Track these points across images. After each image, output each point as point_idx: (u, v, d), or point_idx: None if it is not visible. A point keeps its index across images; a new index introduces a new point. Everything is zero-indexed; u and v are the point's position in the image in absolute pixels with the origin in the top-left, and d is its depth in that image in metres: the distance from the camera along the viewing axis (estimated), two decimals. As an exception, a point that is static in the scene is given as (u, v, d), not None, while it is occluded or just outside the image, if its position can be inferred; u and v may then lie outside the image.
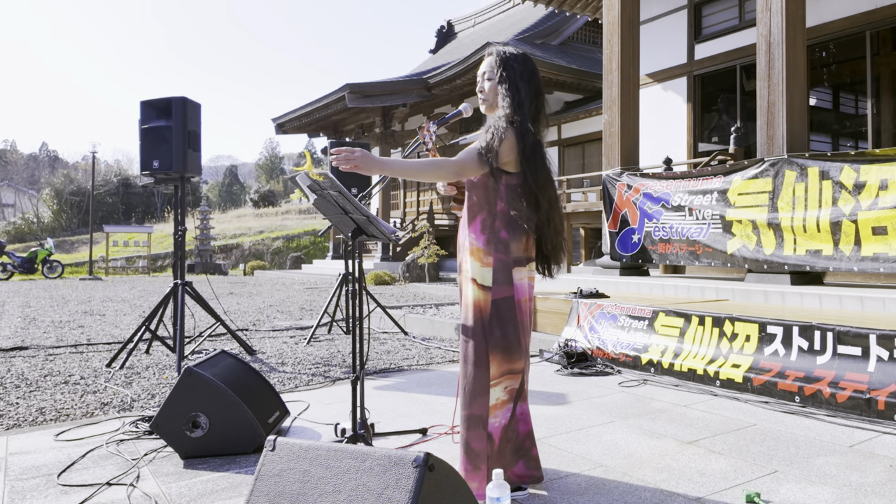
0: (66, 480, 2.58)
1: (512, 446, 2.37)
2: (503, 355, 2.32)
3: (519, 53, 2.46)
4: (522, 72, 2.41)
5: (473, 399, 2.32)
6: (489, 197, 2.37)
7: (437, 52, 23.59)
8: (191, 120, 4.91)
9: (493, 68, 2.44)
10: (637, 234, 7.21)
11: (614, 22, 7.94)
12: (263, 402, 3.10)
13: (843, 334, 3.49)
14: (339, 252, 18.95)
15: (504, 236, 2.34)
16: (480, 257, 2.35)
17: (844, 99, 9.91)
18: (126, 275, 22.85)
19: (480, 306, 2.34)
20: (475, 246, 2.36)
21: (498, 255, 2.33)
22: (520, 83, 2.39)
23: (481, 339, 2.33)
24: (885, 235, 4.95)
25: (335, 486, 1.67)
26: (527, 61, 2.45)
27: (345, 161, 2.20)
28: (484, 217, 2.37)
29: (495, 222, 2.35)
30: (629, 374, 4.45)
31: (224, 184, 64.94)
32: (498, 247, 2.34)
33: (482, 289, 2.34)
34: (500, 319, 2.32)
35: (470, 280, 2.37)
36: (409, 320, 6.97)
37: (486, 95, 2.46)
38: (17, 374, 4.59)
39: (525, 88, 2.39)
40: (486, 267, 2.34)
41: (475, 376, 2.32)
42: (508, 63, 2.42)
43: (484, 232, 2.35)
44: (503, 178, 2.34)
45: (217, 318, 5.23)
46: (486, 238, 2.35)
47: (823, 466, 2.62)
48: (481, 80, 2.48)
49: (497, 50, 2.46)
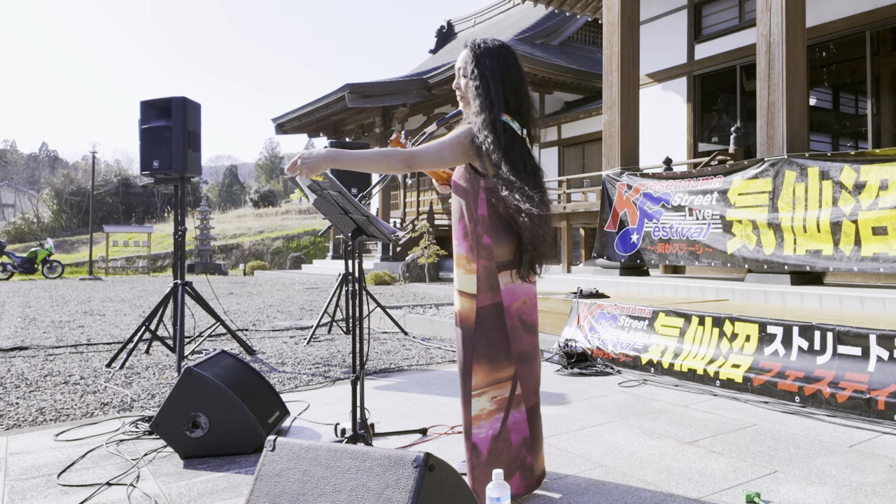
0: (66, 480, 2.58)
1: (505, 458, 2.26)
2: (489, 364, 2.25)
3: (494, 46, 2.31)
4: (495, 68, 2.27)
5: (462, 409, 2.29)
6: (469, 201, 2.28)
7: (437, 52, 23.61)
8: (191, 120, 4.90)
9: (467, 63, 2.32)
10: (636, 234, 7.21)
11: (614, 22, 7.94)
12: (263, 402, 3.10)
13: (843, 334, 3.49)
14: (339, 252, 18.95)
15: (487, 241, 2.25)
16: (464, 264, 2.28)
17: (844, 99, 9.91)
18: (126, 275, 22.86)
19: (463, 314, 2.28)
20: (458, 253, 2.30)
21: (482, 261, 2.25)
22: (491, 81, 2.26)
23: (466, 349, 2.27)
24: (885, 235, 4.95)
25: (335, 486, 1.67)
26: (501, 55, 2.30)
27: (290, 170, 2.17)
28: (465, 223, 2.28)
29: (477, 227, 2.26)
30: (629, 374, 4.45)
31: (224, 184, 64.96)
32: (481, 252, 2.25)
33: (467, 297, 2.27)
34: (484, 328, 2.25)
35: (456, 291, 2.32)
36: (409, 320, 6.97)
37: (462, 92, 2.37)
38: (17, 374, 4.59)
39: (496, 86, 2.26)
40: (470, 274, 2.27)
41: (462, 387, 2.29)
42: (481, 59, 2.29)
43: (466, 238, 2.28)
44: (481, 181, 2.25)
45: (217, 318, 5.23)
46: (468, 244, 2.27)
47: (823, 466, 2.62)
48: (458, 76, 2.37)
49: (471, 43, 2.33)
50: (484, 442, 2.25)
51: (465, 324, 2.28)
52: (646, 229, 7.08)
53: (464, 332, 2.28)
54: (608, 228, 7.58)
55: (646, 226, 7.08)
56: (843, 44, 9.05)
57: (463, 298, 2.29)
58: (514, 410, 2.29)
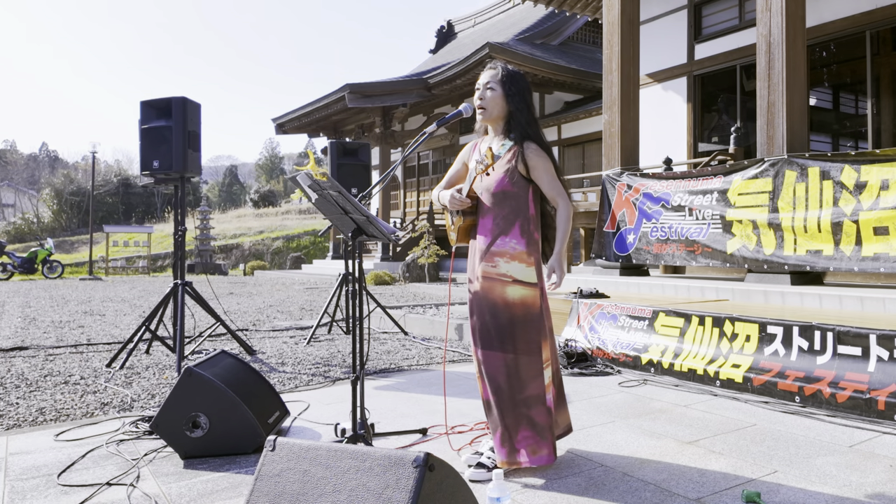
0: (66, 480, 2.58)
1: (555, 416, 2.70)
2: (550, 341, 2.66)
3: (520, 71, 2.75)
4: (527, 88, 2.70)
5: (529, 382, 2.57)
6: (521, 205, 2.63)
7: (437, 52, 23.60)
8: (191, 120, 4.90)
9: (498, 81, 2.67)
10: (632, 235, 7.21)
11: (614, 22, 7.94)
12: (263, 402, 3.10)
13: (843, 334, 3.49)
14: (339, 252, 18.95)
15: (537, 237, 2.66)
16: (524, 259, 2.60)
17: (844, 99, 9.91)
18: (126, 275, 22.85)
19: (527, 302, 2.59)
20: (518, 250, 2.60)
21: (536, 255, 2.64)
22: (528, 99, 2.69)
23: (529, 330, 2.58)
24: (886, 235, 4.95)
25: (335, 486, 1.67)
26: (526, 79, 2.75)
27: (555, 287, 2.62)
28: (521, 222, 2.62)
29: (530, 226, 2.63)
30: (629, 374, 4.45)
31: (224, 184, 64.93)
32: (535, 247, 2.64)
33: (528, 286, 2.60)
34: (544, 311, 2.65)
35: (509, 283, 2.59)
36: (409, 320, 6.97)
37: (486, 104, 2.68)
38: (17, 374, 4.59)
39: (531, 104, 2.70)
40: (531, 267, 2.60)
41: (529, 363, 2.57)
42: (515, 79, 2.67)
43: (524, 236, 2.61)
44: (531, 185, 2.65)
45: (217, 319, 5.23)
46: (526, 241, 2.61)
47: (823, 466, 2.62)
48: (482, 89, 2.69)
49: (501, 65, 2.71)
50: (551, 402, 2.64)
51: (530, 309, 2.60)
52: (643, 229, 7.07)
53: (527, 316, 2.60)
54: (607, 228, 7.58)
55: (643, 226, 7.08)
56: (843, 44, 9.04)
57: (523, 288, 2.60)
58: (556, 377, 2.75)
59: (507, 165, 2.62)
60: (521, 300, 2.58)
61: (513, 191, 2.62)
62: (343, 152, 6.58)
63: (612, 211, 7.52)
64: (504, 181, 2.61)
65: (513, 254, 2.59)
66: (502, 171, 2.62)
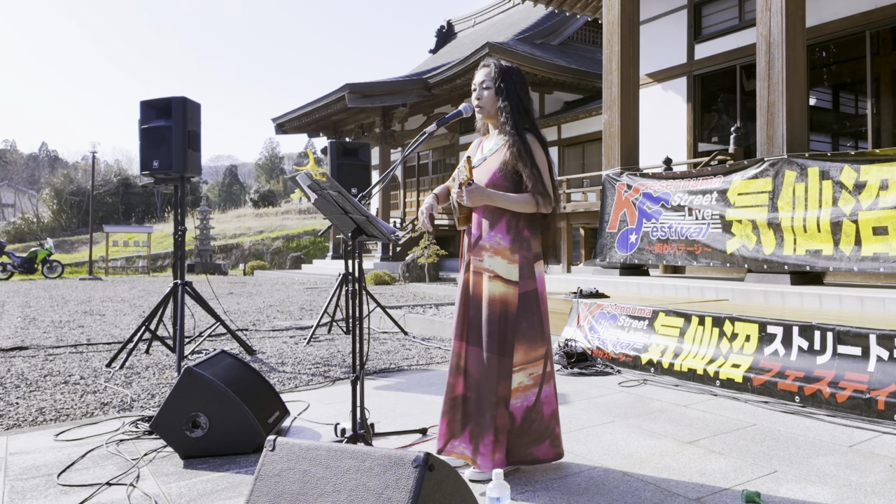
0: (66, 480, 2.58)
1: (536, 427, 2.56)
2: (528, 344, 2.54)
3: (514, 66, 2.71)
4: (522, 82, 2.66)
5: (498, 383, 2.51)
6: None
7: (437, 52, 23.60)
8: (191, 120, 4.90)
9: (492, 79, 2.65)
10: (634, 235, 7.21)
11: (614, 22, 7.94)
12: (263, 402, 3.10)
13: (843, 334, 3.49)
14: (339, 252, 18.95)
15: (527, 234, 2.59)
16: (507, 255, 2.55)
17: (844, 99, 9.91)
18: (126, 275, 22.85)
19: (506, 300, 2.53)
20: (501, 245, 2.56)
21: (522, 252, 2.57)
22: (521, 93, 2.64)
23: (505, 330, 2.52)
24: (885, 235, 4.95)
25: (335, 486, 1.67)
26: (520, 73, 2.71)
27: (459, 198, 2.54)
28: (509, 218, 2.57)
29: (519, 223, 2.58)
30: (629, 373, 4.45)
31: (224, 184, 64.91)
32: (522, 244, 2.57)
33: (508, 283, 2.54)
34: (526, 311, 2.55)
35: (491, 278, 2.55)
36: (409, 320, 6.97)
37: (482, 103, 2.68)
38: (17, 374, 4.59)
39: (525, 98, 2.65)
40: (513, 264, 2.55)
41: (499, 364, 2.51)
42: (508, 74, 2.64)
43: (509, 232, 2.57)
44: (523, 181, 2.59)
45: (217, 318, 5.23)
46: (511, 237, 2.56)
47: (823, 466, 2.62)
48: (478, 89, 2.68)
49: (494, 62, 2.69)
50: (519, 411, 2.55)
51: (507, 308, 2.54)
52: (644, 229, 7.08)
53: (504, 315, 2.53)
54: (608, 228, 7.58)
55: (644, 226, 7.08)
56: (842, 44, 9.05)
57: (501, 283, 2.54)
58: (546, 386, 2.61)
59: (500, 159, 2.61)
60: (500, 297, 2.53)
61: (504, 184, 2.59)
62: (343, 152, 6.58)
63: (612, 211, 7.52)
64: (496, 175, 2.60)
65: (497, 248, 2.56)
66: (496, 165, 2.62)
